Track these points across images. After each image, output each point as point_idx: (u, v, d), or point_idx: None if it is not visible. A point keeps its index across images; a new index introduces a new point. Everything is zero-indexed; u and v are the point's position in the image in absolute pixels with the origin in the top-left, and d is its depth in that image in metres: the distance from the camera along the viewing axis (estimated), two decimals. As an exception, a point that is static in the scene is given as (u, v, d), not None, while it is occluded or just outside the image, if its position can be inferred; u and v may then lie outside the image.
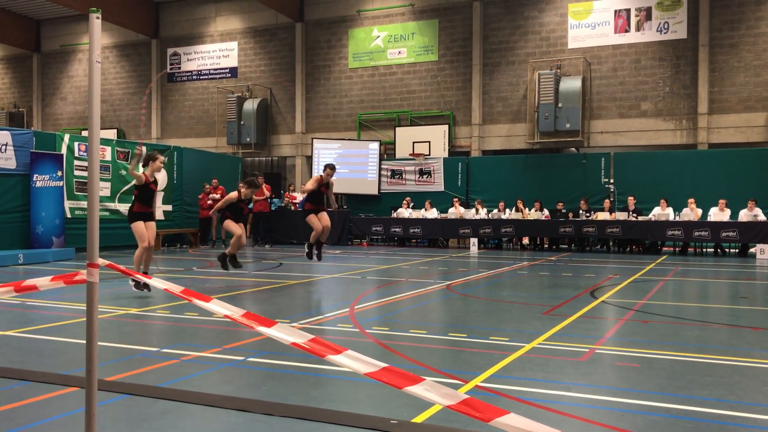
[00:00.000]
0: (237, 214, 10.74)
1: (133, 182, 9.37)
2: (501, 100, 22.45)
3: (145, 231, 9.05)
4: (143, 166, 9.39)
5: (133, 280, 8.77)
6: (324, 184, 11.64)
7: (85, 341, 3.02)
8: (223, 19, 26.80)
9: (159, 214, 18.51)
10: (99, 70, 2.95)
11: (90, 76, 2.93)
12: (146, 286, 8.71)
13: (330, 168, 11.67)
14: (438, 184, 21.69)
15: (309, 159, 24.59)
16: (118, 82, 28.89)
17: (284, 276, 11.76)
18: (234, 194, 10.63)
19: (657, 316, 7.48)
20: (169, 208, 18.94)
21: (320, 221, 11.60)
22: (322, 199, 11.77)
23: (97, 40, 2.93)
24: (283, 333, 2.67)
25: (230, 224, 10.67)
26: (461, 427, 3.72)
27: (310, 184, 11.55)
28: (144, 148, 11.67)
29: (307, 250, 12.00)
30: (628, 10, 20.94)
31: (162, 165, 9.48)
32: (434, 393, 2.26)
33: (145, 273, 8.84)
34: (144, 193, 9.17)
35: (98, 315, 3.04)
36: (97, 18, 2.93)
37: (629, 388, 4.60)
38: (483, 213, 19.37)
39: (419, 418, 3.89)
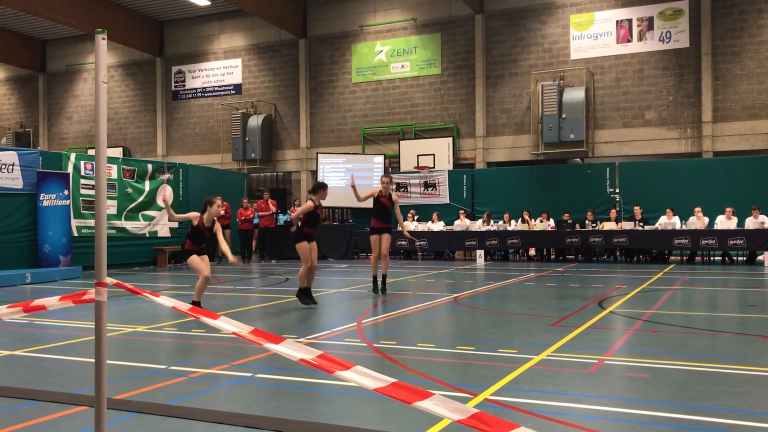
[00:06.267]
0: (315, 224, 9.56)
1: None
2: (505, 112, 22.49)
3: (202, 263, 9.10)
4: (202, 212, 9.23)
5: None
6: (386, 196, 10.46)
7: (93, 360, 3.03)
8: (227, 36, 26.98)
9: (165, 231, 18.62)
10: (105, 91, 2.98)
11: (96, 96, 2.96)
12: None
13: (386, 176, 10.52)
14: (443, 197, 21.69)
15: (314, 174, 24.62)
16: (123, 101, 29.07)
17: (291, 291, 11.73)
18: (310, 204, 9.41)
19: (666, 326, 7.44)
20: (175, 225, 18.99)
21: (381, 245, 10.46)
22: (388, 215, 10.53)
23: (102, 61, 2.95)
24: (291, 349, 2.67)
25: (303, 248, 9.36)
26: (471, 441, 3.70)
27: (366, 193, 10.42)
28: (167, 194, 11.09)
29: (372, 285, 10.76)
30: (629, 20, 20.99)
31: (219, 210, 9.26)
32: (444, 408, 2.25)
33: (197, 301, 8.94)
34: (197, 235, 9.19)
35: (106, 333, 3.05)
36: (103, 39, 2.96)
37: (639, 399, 4.57)
38: (489, 224, 19.34)
39: (429, 433, 3.88)
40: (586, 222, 18.34)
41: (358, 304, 9.93)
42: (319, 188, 9.50)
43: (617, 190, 19.64)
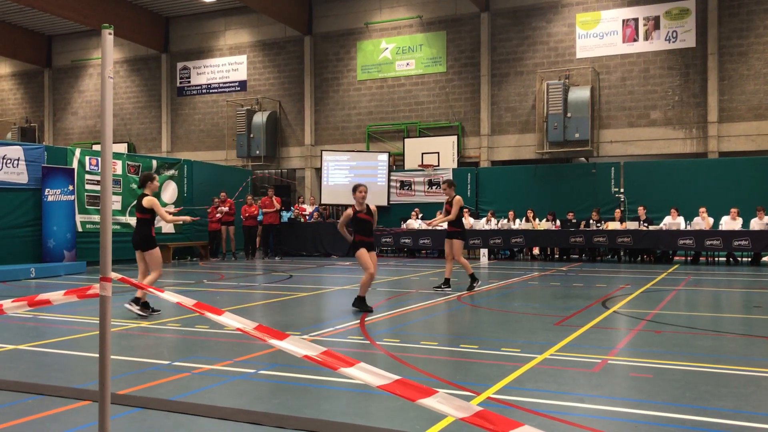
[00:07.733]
0: (366, 232, 8.97)
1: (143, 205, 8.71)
2: (510, 111, 22.45)
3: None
4: (140, 187, 8.77)
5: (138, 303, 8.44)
6: (448, 202, 11.30)
7: (97, 355, 3.03)
8: (233, 32, 26.98)
9: (169, 228, 18.61)
10: (111, 86, 2.97)
11: (102, 91, 2.95)
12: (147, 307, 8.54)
13: (444, 182, 11.47)
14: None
15: (318, 171, 24.65)
16: (128, 96, 29.11)
17: (294, 288, 11.76)
18: (348, 212, 9.01)
19: (670, 326, 7.43)
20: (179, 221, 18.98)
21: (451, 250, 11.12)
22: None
23: (109, 56, 2.95)
24: (295, 345, 2.66)
25: (362, 256, 8.86)
26: (474, 439, 3.70)
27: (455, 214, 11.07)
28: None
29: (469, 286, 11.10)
30: (636, 20, 20.94)
31: (157, 184, 8.84)
32: (447, 405, 2.25)
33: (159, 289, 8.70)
34: (152, 222, 8.72)
35: (111, 328, 3.05)
36: (110, 33, 2.96)
37: (643, 399, 4.57)
38: (493, 223, 19.32)
39: (432, 431, 3.88)
40: (591, 221, 18.30)
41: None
42: (353, 192, 8.93)
43: (622, 190, 19.59)
